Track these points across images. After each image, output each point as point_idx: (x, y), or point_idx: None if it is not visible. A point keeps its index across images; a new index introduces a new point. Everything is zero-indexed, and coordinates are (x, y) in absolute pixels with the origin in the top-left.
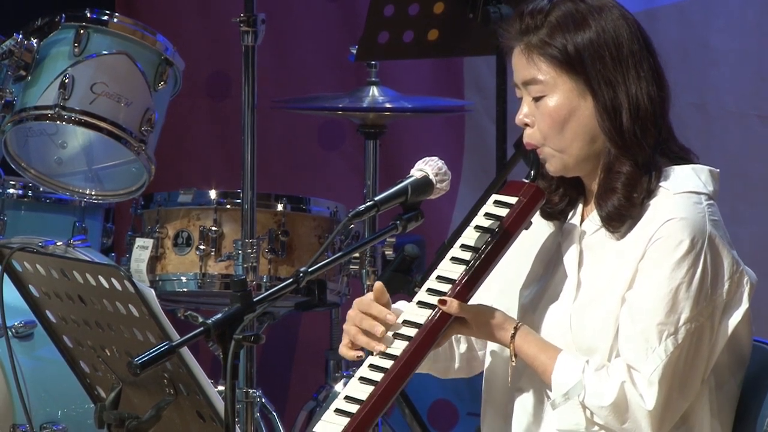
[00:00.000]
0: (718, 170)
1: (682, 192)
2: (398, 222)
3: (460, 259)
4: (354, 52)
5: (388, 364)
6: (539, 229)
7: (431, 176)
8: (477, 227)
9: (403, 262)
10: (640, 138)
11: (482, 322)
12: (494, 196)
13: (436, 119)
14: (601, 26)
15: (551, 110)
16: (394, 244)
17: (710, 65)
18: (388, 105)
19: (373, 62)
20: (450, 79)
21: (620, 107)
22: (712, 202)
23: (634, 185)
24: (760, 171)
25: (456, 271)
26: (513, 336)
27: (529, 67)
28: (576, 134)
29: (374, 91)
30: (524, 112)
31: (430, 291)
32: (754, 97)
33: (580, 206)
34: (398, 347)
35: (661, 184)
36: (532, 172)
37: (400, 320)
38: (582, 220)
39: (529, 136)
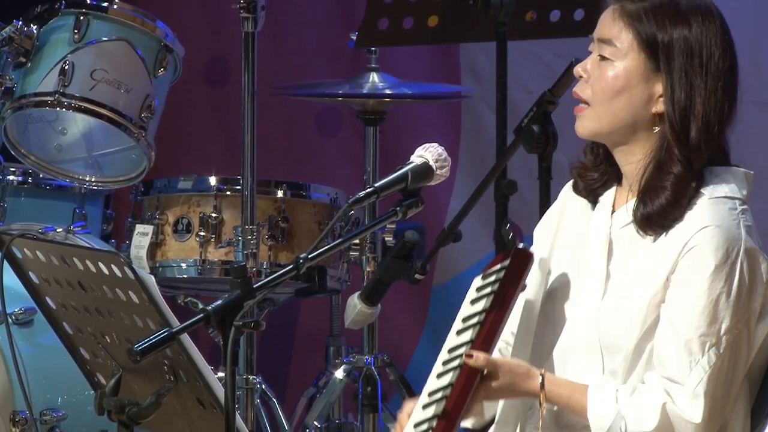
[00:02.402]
0: (752, 172)
1: (717, 197)
2: (398, 208)
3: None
4: (354, 38)
5: None
6: (575, 209)
7: (431, 162)
8: (473, 300)
9: (403, 248)
10: (702, 147)
11: (507, 372)
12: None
13: (433, 106)
14: (701, 31)
15: (608, 77)
16: (394, 230)
17: None
18: (388, 91)
19: (373, 48)
20: (446, 65)
21: (693, 111)
22: (745, 207)
23: (684, 187)
24: (756, 158)
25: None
26: (542, 384)
27: (612, 29)
28: (621, 110)
29: (374, 77)
30: (586, 67)
31: (445, 363)
32: (750, 83)
33: (613, 195)
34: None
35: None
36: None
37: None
38: (613, 210)
39: (580, 89)
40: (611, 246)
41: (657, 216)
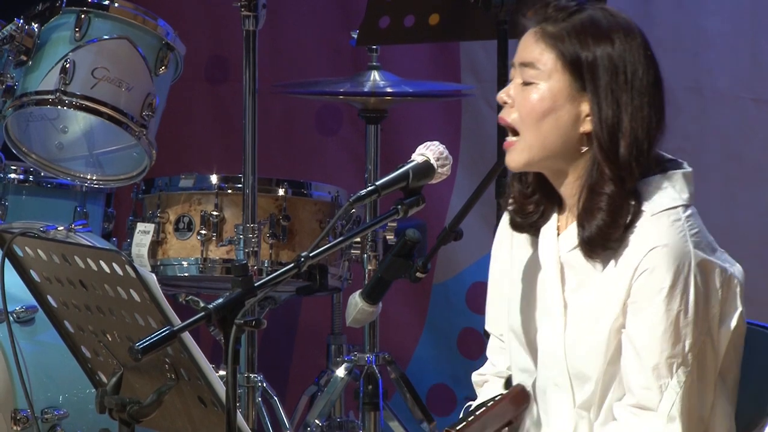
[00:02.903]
0: (690, 170)
1: (659, 212)
2: (399, 207)
3: None
4: (355, 36)
5: None
6: (521, 238)
7: (432, 161)
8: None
9: (404, 246)
10: (633, 164)
11: None
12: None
13: (433, 104)
14: (624, 47)
15: (533, 100)
16: (396, 228)
17: (704, 48)
18: (389, 89)
19: (374, 47)
20: (447, 63)
21: (621, 128)
22: (689, 212)
23: (619, 206)
24: (754, 154)
25: None
26: None
27: (533, 51)
28: (550, 132)
29: (375, 75)
30: (509, 92)
31: None
32: (748, 80)
33: (555, 219)
34: None
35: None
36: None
37: None
38: (558, 234)
39: (505, 113)
40: (563, 271)
41: (597, 238)
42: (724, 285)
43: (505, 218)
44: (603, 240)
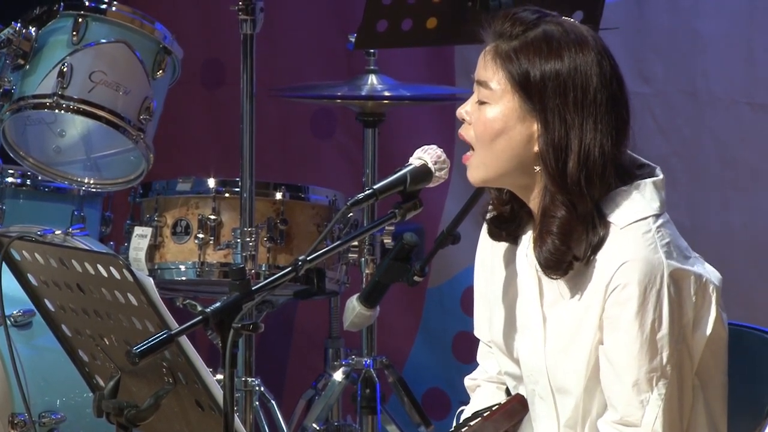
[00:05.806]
0: (661, 177)
1: (628, 224)
2: (397, 210)
3: None
4: (352, 40)
5: None
6: (499, 254)
7: (430, 164)
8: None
9: (401, 250)
10: (583, 186)
11: None
12: None
13: (428, 107)
14: (575, 64)
15: (486, 120)
16: (393, 232)
17: (699, 52)
18: (386, 93)
19: (372, 50)
20: (441, 66)
21: (569, 149)
22: (660, 221)
23: (570, 231)
24: (750, 158)
25: None
26: None
27: (487, 70)
28: (503, 152)
29: (373, 79)
30: (466, 109)
31: None
32: (744, 84)
33: (530, 232)
34: None
35: (608, 219)
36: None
37: None
38: (534, 247)
39: (464, 131)
40: (541, 285)
41: (552, 260)
42: (699, 291)
43: (485, 228)
44: (557, 263)
